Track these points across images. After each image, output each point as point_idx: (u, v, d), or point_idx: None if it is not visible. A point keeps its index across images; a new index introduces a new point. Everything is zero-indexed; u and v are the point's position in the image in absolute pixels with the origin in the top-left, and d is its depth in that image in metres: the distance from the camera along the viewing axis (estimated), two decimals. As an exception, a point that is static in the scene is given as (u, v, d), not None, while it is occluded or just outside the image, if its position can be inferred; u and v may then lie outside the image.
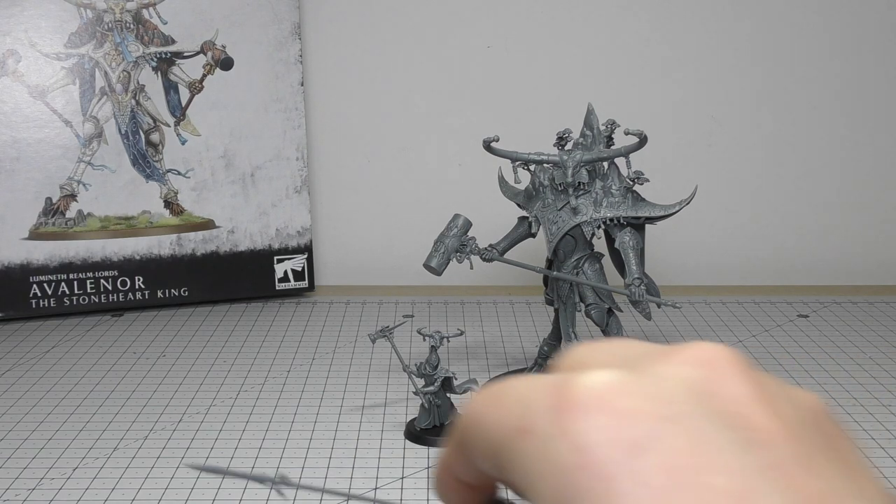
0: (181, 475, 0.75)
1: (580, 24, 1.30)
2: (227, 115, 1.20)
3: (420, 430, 0.82)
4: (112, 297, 1.18)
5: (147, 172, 1.19)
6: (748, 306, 1.20)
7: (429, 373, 0.82)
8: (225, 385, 0.94)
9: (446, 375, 0.82)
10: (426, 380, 0.82)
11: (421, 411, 0.82)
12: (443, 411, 0.82)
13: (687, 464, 0.19)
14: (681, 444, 0.19)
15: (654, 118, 1.27)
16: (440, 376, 0.82)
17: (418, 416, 0.83)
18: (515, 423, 0.21)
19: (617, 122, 0.87)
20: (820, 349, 1.04)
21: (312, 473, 0.75)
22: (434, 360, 0.82)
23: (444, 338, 0.83)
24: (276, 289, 1.24)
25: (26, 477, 0.75)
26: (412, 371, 0.84)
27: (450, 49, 1.31)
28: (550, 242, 0.87)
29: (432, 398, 0.82)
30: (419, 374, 0.83)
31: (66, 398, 0.91)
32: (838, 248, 1.35)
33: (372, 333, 0.85)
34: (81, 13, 1.15)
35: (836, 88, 1.32)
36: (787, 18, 1.30)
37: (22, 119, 1.14)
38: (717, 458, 0.19)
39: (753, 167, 1.33)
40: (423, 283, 1.25)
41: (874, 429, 0.84)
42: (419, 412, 0.83)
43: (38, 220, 1.15)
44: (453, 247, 0.88)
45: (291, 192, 1.23)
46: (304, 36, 1.28)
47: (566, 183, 0.85)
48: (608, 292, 0.87)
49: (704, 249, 1.35)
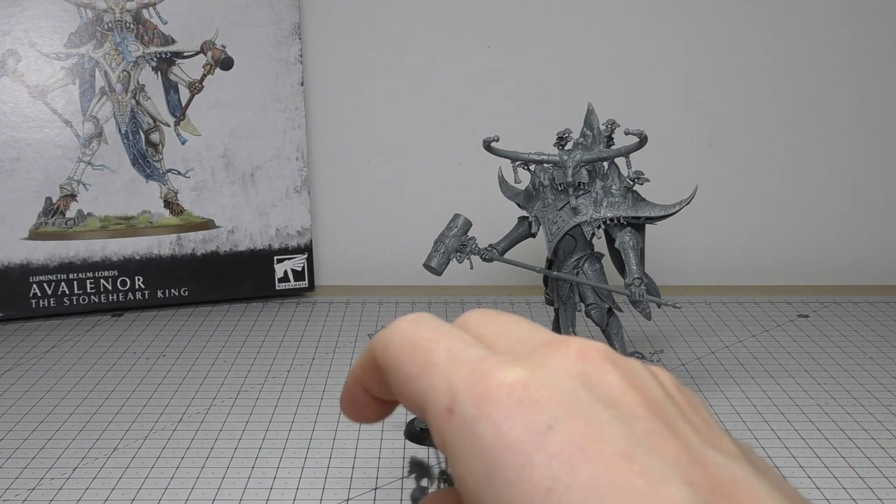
0: (181, 475, 0.75)
1: (580, 23, 1.30)
2: (227, 115, 1.20)
3: (420, 429, 0.82)
4: (112, 297, 1.18)
5: (147, 172, 1.19)
6: (748, 306, 1.20)
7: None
8: (225, 385, 0.94)
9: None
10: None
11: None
12: None
13: (584, 437, 0.24)
14: (578, 423, 0.25)
15: (654, 118, 1.27)
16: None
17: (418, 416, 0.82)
18: (445, 404, 0.26)
19: (617, 122, 0.87)
20: (820, 349, 1.04)
21: (312, 473, 0.75)
22: None
23: None
24: (276, 289, 1.24)
25: (26, 477, 0.75)
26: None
27: (450, 49, 1.31)
28: (550, 242, 0.87)
29: None
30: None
31: (66, 398, 0.91)
32: (838, 248, 1.35)
33: (372, 333, 0.85)
34: (81, 13, 1.15)
35: (837, 88, 1.32)
36: (788, 18, 1.30)
37: (22, 119, 1.14)
38: (605, 431, 0.25)
39: (753, 167, 1.33)
40: (423, 283, 1.25)
41: (874, 429, 0.84)
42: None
43: (38, 220, 1.15)
44: (453, 247, 0.88)
45: (291, 192, 1.23)
46: (304, 36, 1.28)
47: (566, 183, 0.85)
48: (608, 292, 0.87)
49: (704, 249, 1.35)
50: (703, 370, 0.98)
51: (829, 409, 0.88)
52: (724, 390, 0.92)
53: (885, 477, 0.75)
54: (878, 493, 0.72)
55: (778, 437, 0.82)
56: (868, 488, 0.73)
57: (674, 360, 1.01)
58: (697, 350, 1.04)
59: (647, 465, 0.24)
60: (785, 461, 0.77)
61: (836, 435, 0.82)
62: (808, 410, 0.88)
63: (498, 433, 0.25)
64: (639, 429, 0.25)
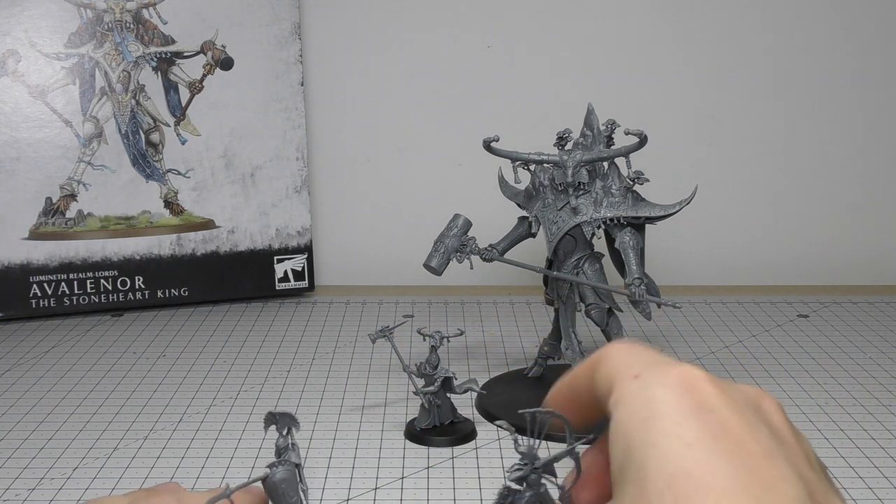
0: (181, 475, 0.75)
1: (580, 23, 1.30)
2: (227, 115, 1.20)
3: (420, 430, 0.82)
4: (112, 297, 1.18)
5: (147, 172, 1.19)
6: (748, 306, 1.20)
7: (429, 373, 0.82)
8: (225, 385, 0.94)
9: (446, 375, 0.81)
10: (426, 380, 0.82)
11: (421, 411, 0.82)
12: (443, 411, 0.82)
13: (728, 428, 0.31)
14: (726, 415, 0.32)
15: (654, 118, 1.27)
16: (440, 376, 0.81)
17: (418, 416, 0.82)
18: (634, 373, 0.34)
19: (617, 122, 0.87)
20: (820, 349, 1.04)
21: (312, 473, 0.75)
22: (434, 359, 0.82)
23: (444, 338, 0.83)
24: (276, 289, 1.24)
25: (26, 477, 0.75)
26: (412, 371, 0.83)
27: (450, 49, 1.31)
28: (550, 242, 0.87)
29: (432, 398, 0.81)
30: (419, 374, 0.82)
31: (66, 398, 0.91)
32: (838, 248, 1.35)
33: (372, 333, 0.84)
34: (81, 13, 1.15)
35: (836, 88, 1.32)
36: (788, 18, 1.30)
37: (22, 119, 1.14)
38: (749, 433, 0.32)
39: (753, 167, 1.33)
40: (423, 283, 1.25)
41: (874, 429, 0.84)
42: (419, 412, 0.82)
43: (38, 220, 1.15)
44: (453, 247, 0.88)
45: (291, 192, 1.23)
46: (304, 36, 1.28)
47: (566, 183, 0.85)
48: (608, 292, 0.87)
49: (704, 249, 1.35)
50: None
51: (829, 409, 0.88)
52: (724, 390, 0.92)
53: (885, 477, 0.75)
54: (878, 493, 0.72)
55: (778, 437, 0.82)
56: (868, 488, 0.73)
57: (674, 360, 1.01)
58: (697, 350, 1.04)
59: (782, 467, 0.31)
60: (785, 461, 0.77)
61: (836, 435, 0.82)
62: (808, 410, 0.88)
63: (665, 397, 0.32)
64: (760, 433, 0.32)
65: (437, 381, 0.81)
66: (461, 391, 0.82)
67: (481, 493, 0.71)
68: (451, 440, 0.81)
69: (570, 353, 0.88)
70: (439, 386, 0.81)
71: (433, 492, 0.72)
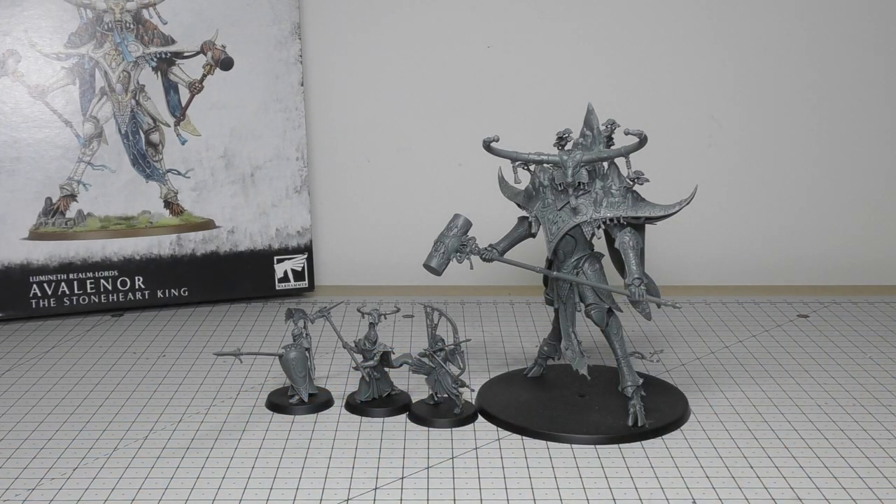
0: (181, 475, 0.75)
1: (580, 24, 1.30)
2: (227, 115, 1.20)
3: (360, 402, 0.87)
4: (112, 297, 1.18)
5: (147, 172, 1.19)
6: (748, 306, 1.20)
7: (368, 348, 0.88)
8: (225, 385, 0.94)
9: (384, 350, 0.87)
10: (365, 355, 0.88)
11: (361, 385, 0.88)
12: (381, 384, 0.88)
13: None
14: None
15: (654, 118, 1.27)
16: (378, 351, 0.87)
17: (359, 389, 0.88)
18: None
19: (617, 122, 0.87)
20: (820, 349, 1.04)
21: (312, 473, 0.75)
22: (373, 336, 0.88)
23: (381, 314, 0.89)
24: (276, 289, 1.24)
25: (26, 477, 0.75)
26: (351, 347, 0.89)
27: (450, 49, 1.31)
28: (550, 242, 0.87)
29: (371, 372, 0.88)
30: (358, 349, 0.89)
31: (66, 398, 0.91)
32: (838, 248, 1.35)
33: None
34: (81, 13, 1.15)
35: (837, 88, 1.32)
36: (788, 18, 1.30)
37: (22, 119, 1.14)
38: None
39: (753, 167, 1.33)
40: (423, 283, 1.25)
41: (874, 429, 0.84)
42: (359, 385, 0.88)
43: (38, 220, 1.15)
44: (453, 247, 0.88)
45: (291, 192, 1.23)
46: (304, 36, 1.28)
47: (566, 183, 0.85)
48: (608, 292, 0.86)
49: (705, 249, 1.35)
50: (703, 370, 0.98)
51: (829, 409, 0.88)
52: (724, 390, 0.92)
53: (884, 477, 0.75)
54: (878, 493, 0.72)
55: (778, 437, 0.82)
56: (868, 488, 0.73)
57: (674, 360, 1.01)
58: (697, 350, 1.04)
59: None
60: (785, 461, 0.77)
61: (836, 435, 0.82)
62: (808, 410, 0.88)
63: None
64: None
65: (376, 356, 0.87)
66: (398, 365, 0.87)
67: (481, 494, 0.71)
68: (388, 411, 0.87)
69: (570, 353, 0.88)
70: (378, 361, 0.87)
71: (433, 492, 0.72)
